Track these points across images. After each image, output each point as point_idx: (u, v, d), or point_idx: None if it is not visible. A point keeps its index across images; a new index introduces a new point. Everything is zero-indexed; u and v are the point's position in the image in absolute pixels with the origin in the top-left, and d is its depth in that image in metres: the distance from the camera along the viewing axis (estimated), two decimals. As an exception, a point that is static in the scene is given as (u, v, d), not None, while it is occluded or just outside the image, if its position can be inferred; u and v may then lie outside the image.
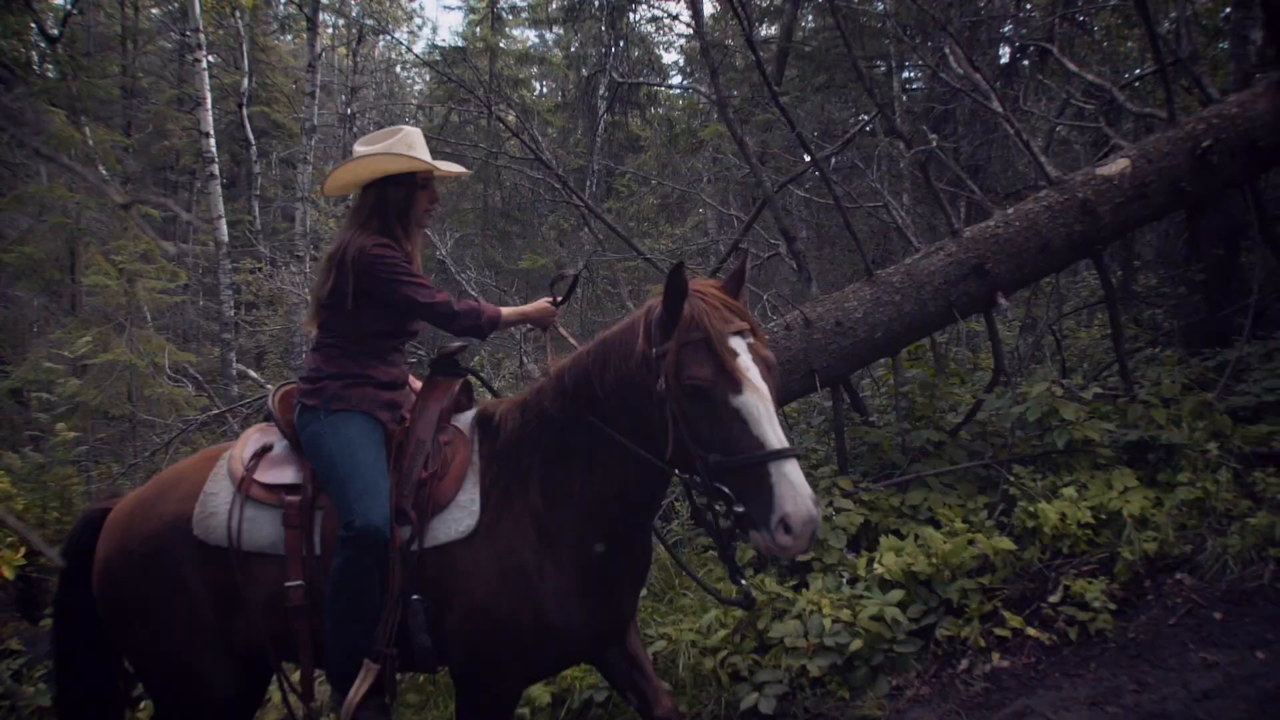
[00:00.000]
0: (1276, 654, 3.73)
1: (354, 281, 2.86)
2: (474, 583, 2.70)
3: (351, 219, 3.05)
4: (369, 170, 2.98)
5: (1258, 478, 4.74)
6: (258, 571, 2.78)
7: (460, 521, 2.74)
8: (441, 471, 2.82)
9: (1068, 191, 4.71)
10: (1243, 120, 4.82)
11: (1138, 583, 4.41)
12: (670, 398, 2.42)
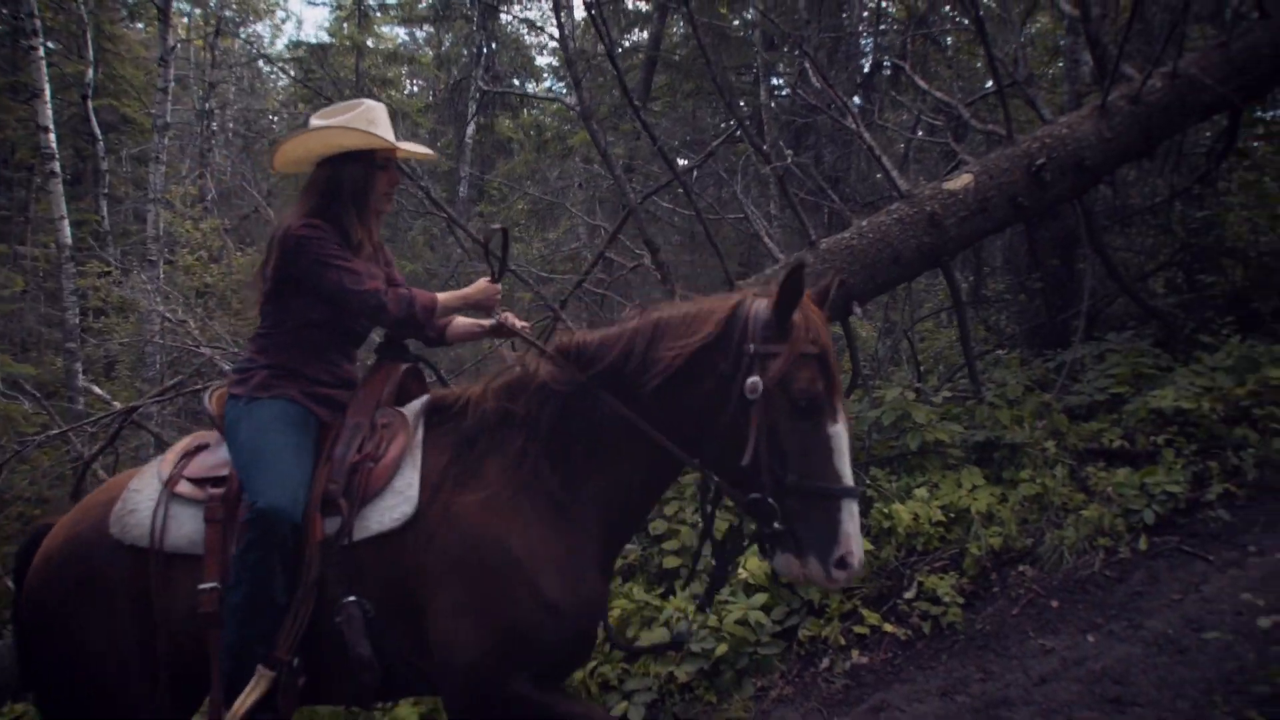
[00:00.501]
0: (1105, 636, 4.02)
1: (280, 265, 2.66)
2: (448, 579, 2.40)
3: (298, 198, 2.82)
4: (322, 144, 2.72)
5: (1090, 472, 5.09)
6: (178, 575, 2.47)
7: (394, 509, 2.44)
8: (375, 455, 2.53)
9: (917, 205, 4.95)
10: (1071, 140, 5.16)
11: (985, 576, 4.68)
12: (765, 403, 2.24)
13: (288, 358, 2.70)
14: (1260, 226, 7.02)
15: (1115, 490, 4.90)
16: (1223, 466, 4.99)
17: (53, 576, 2.58)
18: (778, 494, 2.23)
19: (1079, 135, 5.17)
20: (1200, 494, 4.86)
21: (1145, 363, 6.11)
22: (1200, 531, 4.69)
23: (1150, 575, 4.41)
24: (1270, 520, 4.60)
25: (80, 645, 2.53)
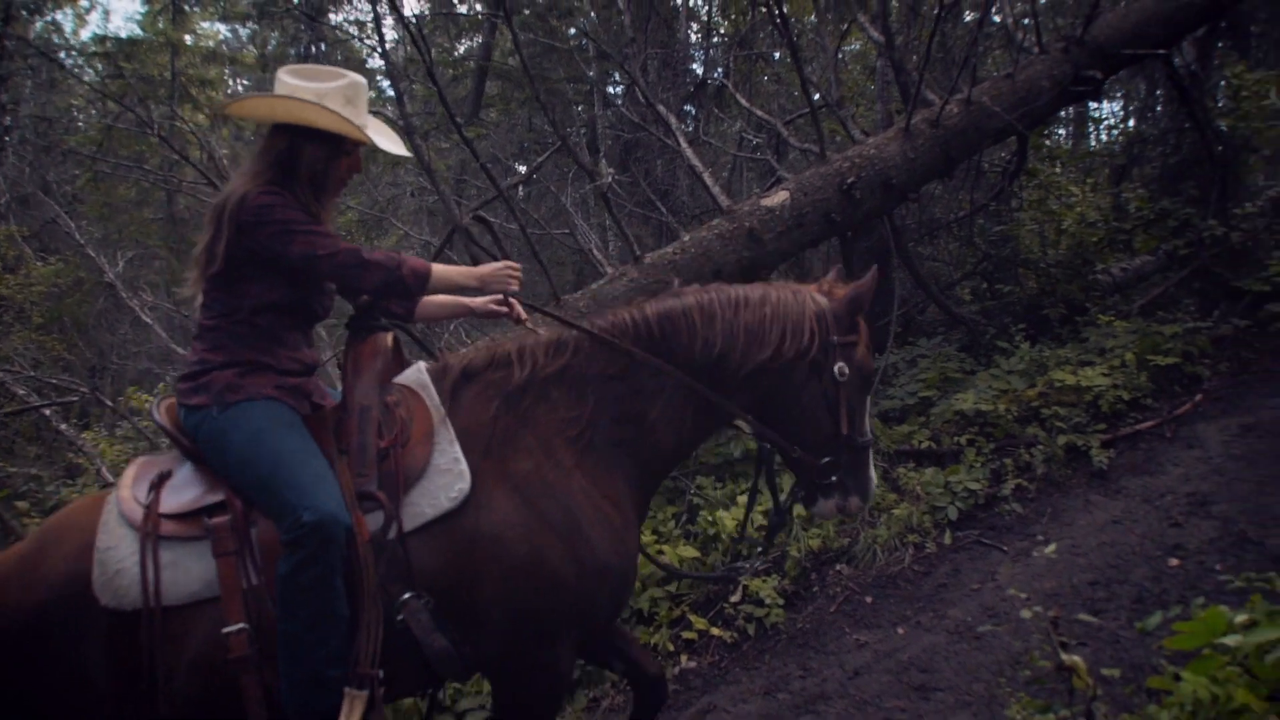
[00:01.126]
0: (913, 628, 4.29)
1: (232, 239, 2.32)
2: (505, 543, 2.32)
3: (247, 166, 2.49)
4: (289, 113, 2.40)
5: (901, 473, 5.41)
6: (184, 628, 2.18)
7: (450, 488, 2.32)
8: (403, 437, 2.37)
9: (737, 220, 5.13)
10: (879, 160, 5.48)
11: (805, 576, 4.89)
12: (848, 383, 2.68)
13: (250, 350, 2.40)
14: (1048, 240, 7.66)
15: (923, 489, 5.23)
16: (1016, 463, 5.40)
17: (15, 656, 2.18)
18: (846, 453, 2.72)
19: (886, 155, 5.49)
20: (997, 489, 5.25)
21: (951, 367, 6.55)
22: (997, 524, 5.07)
23: (954, 568, 4.73)
24: (1056, 511, 5.02)
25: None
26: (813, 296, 2.71)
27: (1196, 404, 5.91)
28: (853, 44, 10.68)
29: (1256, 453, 5.05)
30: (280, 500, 2.19)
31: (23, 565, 2.25)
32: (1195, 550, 4.21)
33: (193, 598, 2.19)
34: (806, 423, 2.70)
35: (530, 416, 2.49)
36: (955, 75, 5.76)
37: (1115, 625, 3.80)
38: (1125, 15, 6.63)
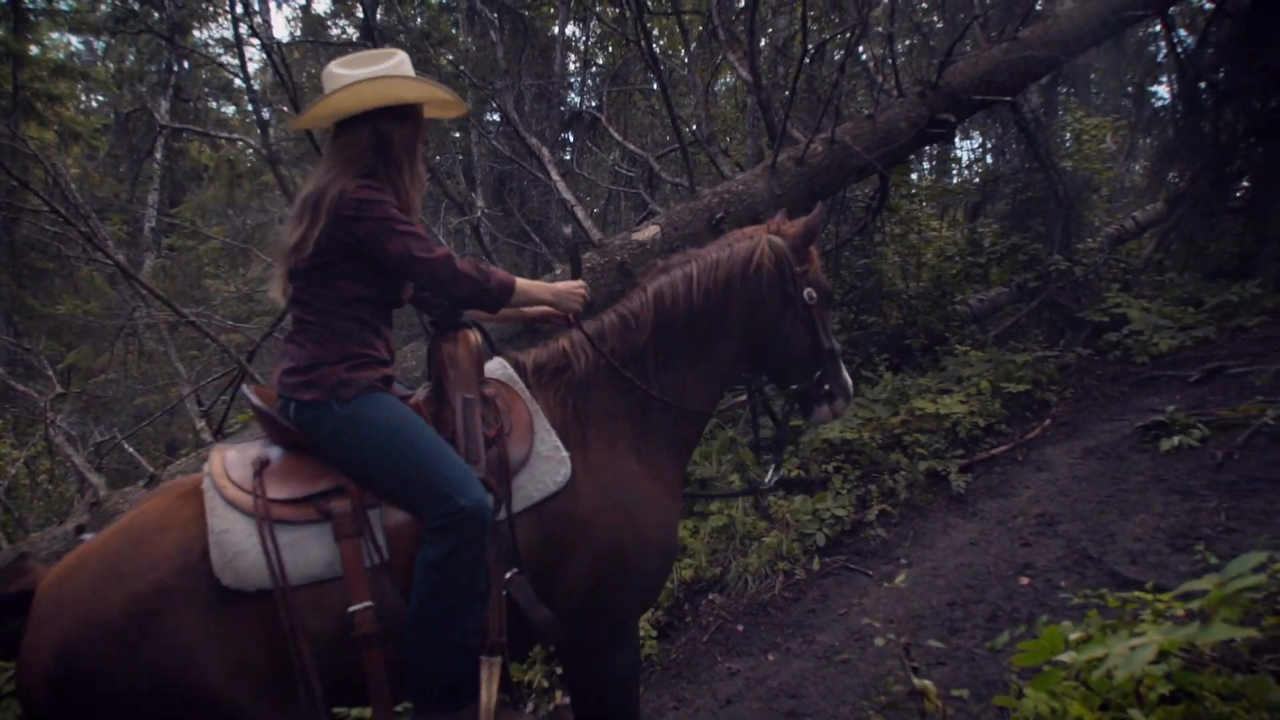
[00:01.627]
0: (783, 654, 4.38)
1: (329, 231, 2.34)
2: (591, 527, 2.51)
3: (334, 160, 2.45)
4: (377, 95, 2.40)
5: (771, 501, 5.53)
6: (307, 607, 2.22)
7: (554, 473, 2.49)
8: (506, 426, 2.51)
9: (608, 254, 5.16)
10: (747, 196, 5.61)
11: (678, 607, 4.94)
12: (817, 304, 2.96)
13: (354, 344, 2.44)
14: (910, 273, 8.01)
15: (793, 516, 5.36)
16: (881, 489, 5.60)
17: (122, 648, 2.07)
18: (827, 362, 2.99)
19: (754, 191, 5.63)
20: (863, 515, 5.43)
21: (819, 396, 6.75)
22: (863, 549, 5.24)
23: (822, 594, 4.86)
24: (917, 535, 5.23)
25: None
26: (768, 239, 2.94)
27: (1045, 429, 6.26)
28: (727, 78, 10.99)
29: (1097, 474, 5.38)
30: (431, 489, 2.30)
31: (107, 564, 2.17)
32: (1043, 569, 4.44)
33: (312, 579, 2.25)
34: (794, 347, 2.97)
35: (595, 408, 2.69)
36: (820, 115, 5.96)
37: (972, 644, 3.96)
38: (976, 63, 7.02)
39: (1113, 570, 4.18)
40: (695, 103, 7.78)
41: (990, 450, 6.01)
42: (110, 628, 2.07)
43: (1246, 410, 5.44)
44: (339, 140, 2.47)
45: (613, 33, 9.51)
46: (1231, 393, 6.12)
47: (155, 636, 2.09)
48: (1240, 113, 9.25)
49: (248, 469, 2.34)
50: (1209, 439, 5.32)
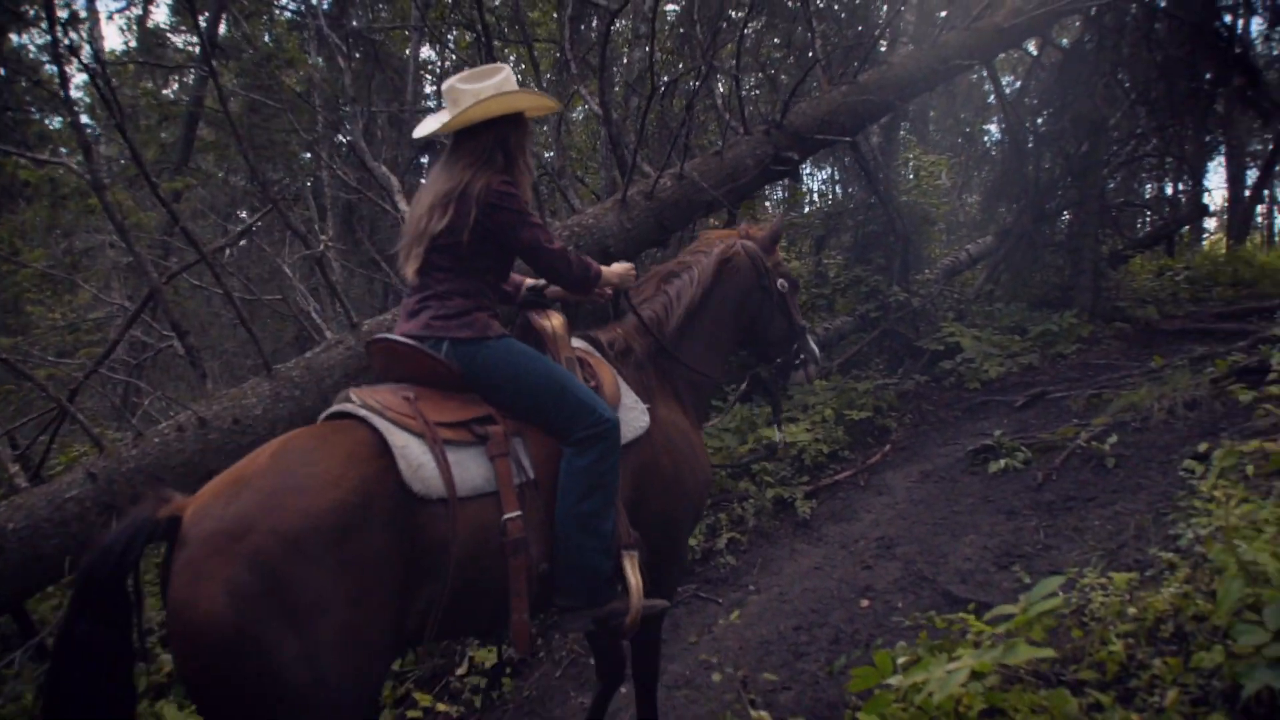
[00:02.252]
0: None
1: (478, 218, 2.78)
2: (661, 466, 3.05)
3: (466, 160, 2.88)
4: (500, 106, 2.89)
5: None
6: (468, 516, 2.52)
7: (638, 421, 3.00)
8: (598, 382, 2.99)
9: (458, 287, 5.13)
10: (597, 229, 5.68)
11: (532, 643, 4.89)
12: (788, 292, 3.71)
13: (490, 300, 2.91)
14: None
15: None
16: (730, 517, 5.72)
17: (307, 556, 2.15)
18: (799, 337, 3.71)
19: (604, 225, 5.70)
20: (713, 543, 5.53)
21: (672, 425, 6.85)
22: (713, 577, 5.34)
23: (673, 623, 4.90)
24: (765, 561, 5.36)
25: (343, 628, 2.19)
26: (742, 243, 3.64)
27: (885, 454, 6.55)
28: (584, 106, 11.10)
29: (932, 496, 5.66)
30: (576, 404, 2.77)
31: (296, 472, 2.29)
32: (882, 591, 4.63)
33: (475, 491, 2.55)
34: (775, 328, 3.68)
35: (652, 377, 3.29)
36: (669, 150, 6.10)
37: (815, 667, 4.09)
38: (818, 104, 7.33)
39: (945, 590, 4.40)
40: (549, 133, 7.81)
41: (834, 476, 6.24)
42: (317, 530, 2.18)
43: (1064, 433, 5.84)
44: (466, 144, 2.92)
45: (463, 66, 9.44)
46: (1051, 416, 6.57)
47: (357, 538, 2.25)
48: (1058, 156, 10.01)
49: (400, 400, 2.60)
50: (1031, 461, 5.69)
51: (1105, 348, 8.31)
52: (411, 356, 2.76)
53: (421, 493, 2.42)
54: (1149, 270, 11.41)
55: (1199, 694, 2.26)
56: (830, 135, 7.21)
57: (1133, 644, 2.72)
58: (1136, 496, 4.81)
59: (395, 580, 2.33)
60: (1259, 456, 4.25)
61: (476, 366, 2.77)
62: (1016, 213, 10.07)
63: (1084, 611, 3.16)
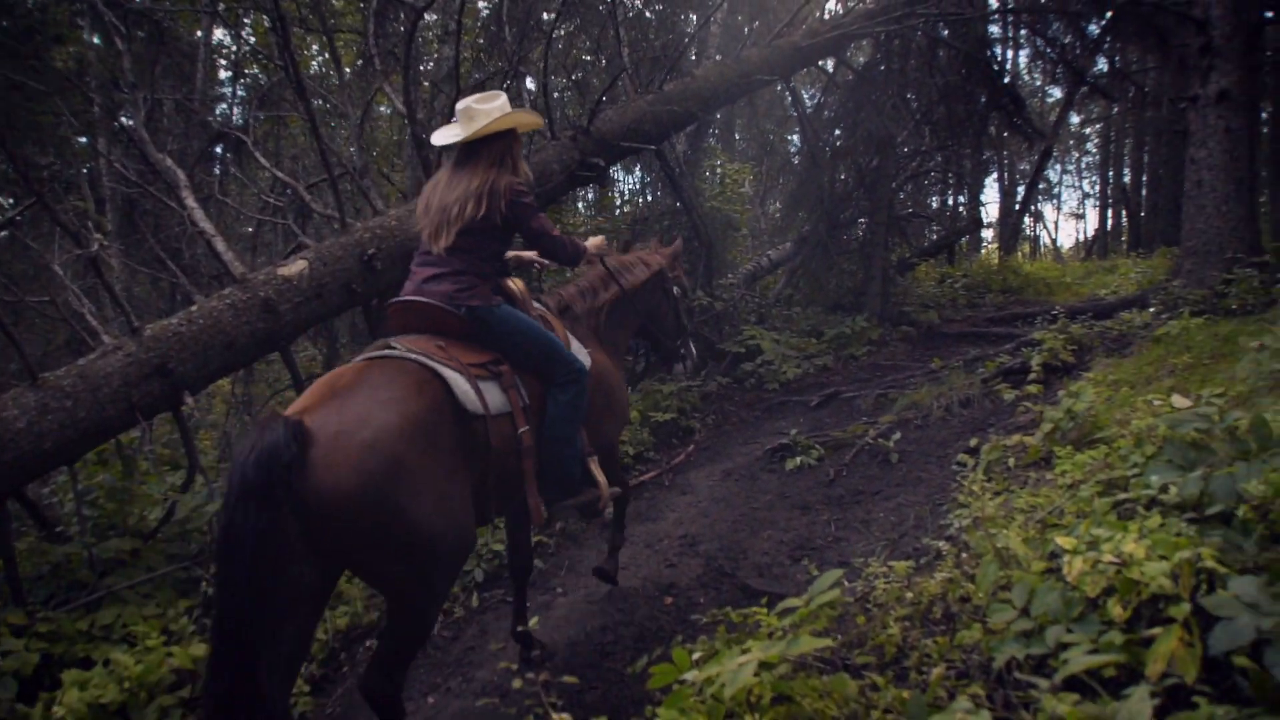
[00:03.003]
0: (443, 694, 4.32)
1: (500, 209, 3.60)
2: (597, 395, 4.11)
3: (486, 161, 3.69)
4: (513, 122, 3.77)
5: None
6: (498, 427, 3.38)
7: (585, 357, 4.01)
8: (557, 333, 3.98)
9: (251, 290, 4.87)
10: (400, 231, 5.55)
11: (333, 658, 4.72)
12: (680, 297, 5.05)
13: (494, 276, 3.76)
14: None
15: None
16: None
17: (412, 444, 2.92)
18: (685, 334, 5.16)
19: (407, 227, 5.56)
20: (523, 547, 5.51)
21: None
22: (522, 582, 5.32)
23: (481, 629, 4.86)
24: (573, 563, 5.40)
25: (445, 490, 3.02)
26: (654, 257, 4.96)
27: (689, 454, 6.73)
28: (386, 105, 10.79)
29: (733, 494, 5.88)
30: (560, 357, 3.76)
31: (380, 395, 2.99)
32: (685, 588, 4.76)
33: (499, 410, 3.41)
34: (670, 322, 5.01)
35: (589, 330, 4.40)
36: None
37: (621, 665, 4.15)
38: (624, 112, 7.46)
39: (744, 584, 4.58)
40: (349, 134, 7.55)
41: (640, 477, 6.36)
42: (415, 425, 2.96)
43: (853, 431, 6.20)
44: (481, 150, 3.71)
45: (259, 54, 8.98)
46: (844, 415, 6.96)
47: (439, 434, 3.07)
48: (851, 169, 10.62)
49: (436, 348, 3.36)
50: (824, 458, 6.00)
51: (892, 350, 8.88)
52: (436, 313, 3.56)
53: (471, 410, 3.26)
54: (932, 277, 12.27)
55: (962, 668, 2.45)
56: (636, 143, 7.35)
57: (908, 626, 2.91)
58: (917, 489, 5.17)
59: (466, 465, 3.19)
60: (1019, 450, 4.67)
61: (487, 325, 3.60)
62: (814, 221, 10.60)
63: (868, 599, 3.36)
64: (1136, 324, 7.13)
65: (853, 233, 11.11)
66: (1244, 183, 7.43)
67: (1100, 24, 10.91)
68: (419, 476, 2.91)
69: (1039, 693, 1.87)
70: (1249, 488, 2.28)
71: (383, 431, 2.85)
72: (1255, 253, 7.34)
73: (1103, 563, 2.11)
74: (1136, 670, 1.88)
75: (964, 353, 7.91)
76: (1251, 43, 7.49)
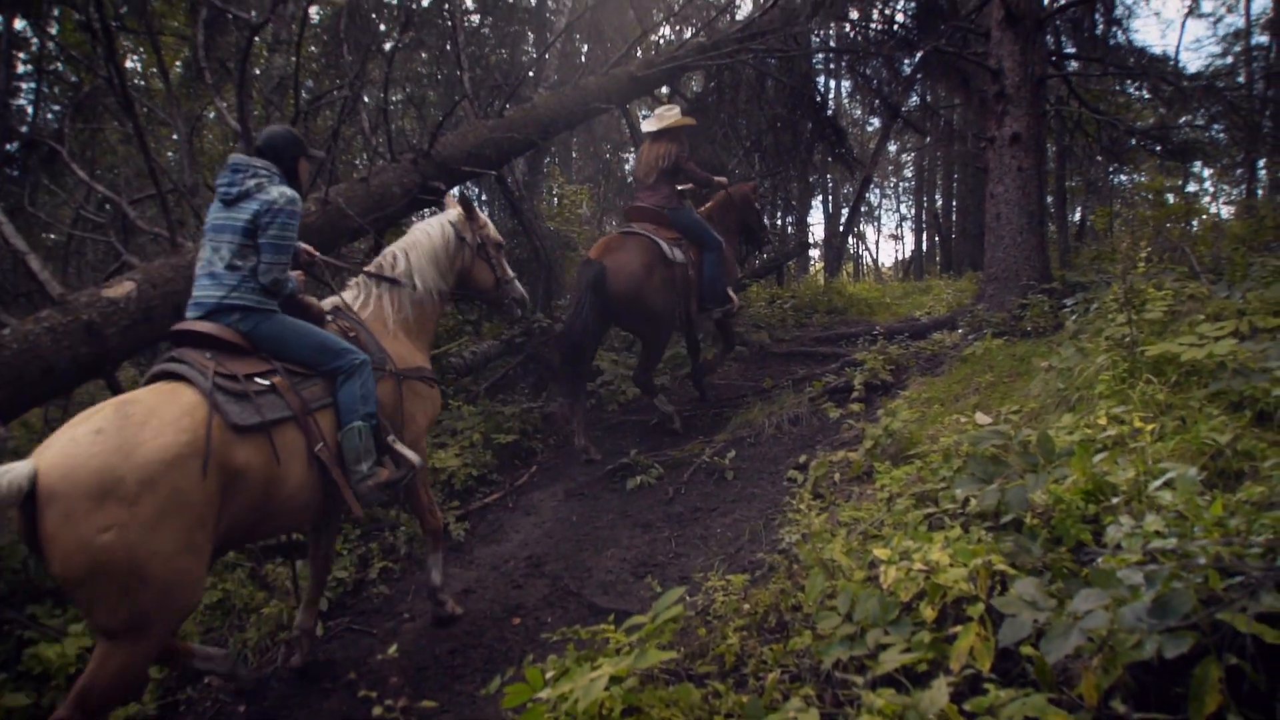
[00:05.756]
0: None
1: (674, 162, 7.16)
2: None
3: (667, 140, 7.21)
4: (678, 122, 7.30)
5: (270, 570, 5.32)
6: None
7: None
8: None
9: (72, 313, 4.63)
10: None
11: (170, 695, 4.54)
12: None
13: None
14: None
15: (292, 584, 5.20)
16: (382, 546, 5.68)
17: (651, 269, 6.84)
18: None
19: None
20: (365, 574, 5.46)
21: (319, 455, 6.64)
22: (366, 608, 5.26)
23: (328, 658, 4.78)
24: (419, 588, 5.38)
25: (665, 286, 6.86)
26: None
27: (532, 475, 6.82)
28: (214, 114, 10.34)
29: (577, 514, 6.00)
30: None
31: (623, 249, 7.01)
32: (533, 608, 4.84)
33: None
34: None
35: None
36: (314, 174, 5.94)
37: (472, 688, 4.18)
38: (465, 136, 7.51)
39: (590, 602, 4.70)
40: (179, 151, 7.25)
41: (484, 499, 6.40)
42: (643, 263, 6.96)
43: (691, 450, 6.45)
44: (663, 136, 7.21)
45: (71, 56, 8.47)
46: (681, 434, 7.21)
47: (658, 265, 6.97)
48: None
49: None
50: (663, 476, 6.22)
51: (726, 369, 9.24)
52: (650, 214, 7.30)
53: (669, 256, 7.10)
54: (763, 298, 12.79)
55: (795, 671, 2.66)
56: (477, 167, 7.41)
57: (746, 636, 3.12)
58: (751, 505, 5.45)
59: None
60: (844, 465, 5.02)
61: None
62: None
63: (708, 611, 3.56)
64: (947, 344, 7.74)
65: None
66: (1035, 216, 8.22)
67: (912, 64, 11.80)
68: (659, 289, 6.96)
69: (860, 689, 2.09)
70: (1035, 498, 2.60)
71: (640, 260, 6.86)
72: (1046, 280, 8.12)
73: (914, 570, 2.37)
74: (943, 664, 2.13)
75: (793, 372, 8.35)
76: (1037, 92, 8.31)
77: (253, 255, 3.88)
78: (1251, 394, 3.28)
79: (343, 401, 3.98)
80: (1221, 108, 10.18)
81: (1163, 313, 4.53)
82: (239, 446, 3.46)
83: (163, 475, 3.08)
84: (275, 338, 3.89)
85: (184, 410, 3.31)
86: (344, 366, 4.02)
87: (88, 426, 3.09)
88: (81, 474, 2.93)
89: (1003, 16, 8.21)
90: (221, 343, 3.74)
